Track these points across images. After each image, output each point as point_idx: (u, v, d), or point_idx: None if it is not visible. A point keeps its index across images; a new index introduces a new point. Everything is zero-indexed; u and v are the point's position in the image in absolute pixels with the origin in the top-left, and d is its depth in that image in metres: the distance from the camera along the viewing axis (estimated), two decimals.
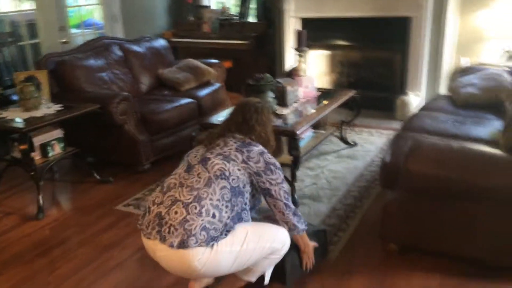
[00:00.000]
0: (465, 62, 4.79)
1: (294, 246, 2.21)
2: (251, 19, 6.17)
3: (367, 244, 2.68)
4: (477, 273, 2.36)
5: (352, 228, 2.85)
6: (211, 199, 1.90)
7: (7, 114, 3.25)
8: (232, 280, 2.10)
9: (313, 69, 5.32)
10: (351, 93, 3.97)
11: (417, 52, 4.81)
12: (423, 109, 3.64)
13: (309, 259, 2.28)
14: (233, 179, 1.96)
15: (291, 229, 2.13)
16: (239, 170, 1.98)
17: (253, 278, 2.12)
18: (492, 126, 3.09)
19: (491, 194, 2.14)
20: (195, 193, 1.92)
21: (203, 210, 1.88)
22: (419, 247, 2.52)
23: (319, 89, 4.00)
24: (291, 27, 5.35)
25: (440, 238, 2.39)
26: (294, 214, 2.12)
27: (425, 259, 2.49)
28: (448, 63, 4.89)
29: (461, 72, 4.18)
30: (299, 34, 3.91)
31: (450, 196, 2.25)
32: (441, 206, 2.31)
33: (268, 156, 2.07)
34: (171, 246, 1.85)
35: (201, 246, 1.84)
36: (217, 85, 4.75)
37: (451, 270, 2.40)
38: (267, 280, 2.15)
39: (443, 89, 4.84)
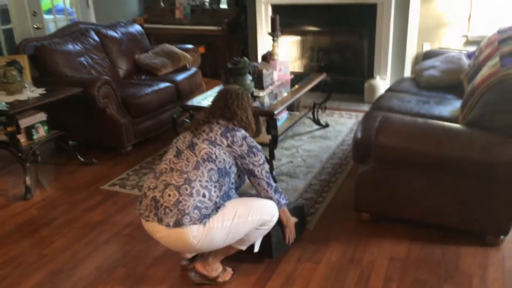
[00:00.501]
0: (427, 47, 5.09)
1: (278, 222, 2.38)
2: (223, 5, 6.28)
3: (342, 215, 2.90)
4: (441, 238, 2.62)
5: (328, 200, 3.08)
6: (200, 181, 2.08)
7: None
8: (224, 248, 2.28)
9: (285, 54, 5.50)
10: (322, 76, 4.18)
11: (383, 37, 5.05)
12: (389, 90, 3.89)
13: (291, 233, 2.48)
14: (219, 162, 2.14)
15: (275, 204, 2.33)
16: (224, 153, 2.16)
17: (243, 247, 2.30)
18: (453, 105, 3.35)
19: (452, 164, 2.39)
20: (185, 176, 2.09)
21: (194, 191, 2.06)
22: (389, 216, 2.76)
23: (292, 73, 4.20)
24: (263, 13, 5.50)
25: (408, 207, 2.63)
26: (276, 191, 2.32)
27: (394, 227, 2.73)
28: (412, 48, 5.17)
29: (423, 56, 4.47)
30: (272, 20, 4.08)
31: (417, 167, 2.49)
32: (409, 176, 2.55)
33: (250, 140, 2.25)
34: (168, 226, 2.04)
35: (195, 224, 2.03)
36: (193, 70, 4.88)
37: (418, 235, 2.65)
38: (256, 248, 2.33)
39: (408, 73, 5.13)
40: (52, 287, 2.36)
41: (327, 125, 4.43)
